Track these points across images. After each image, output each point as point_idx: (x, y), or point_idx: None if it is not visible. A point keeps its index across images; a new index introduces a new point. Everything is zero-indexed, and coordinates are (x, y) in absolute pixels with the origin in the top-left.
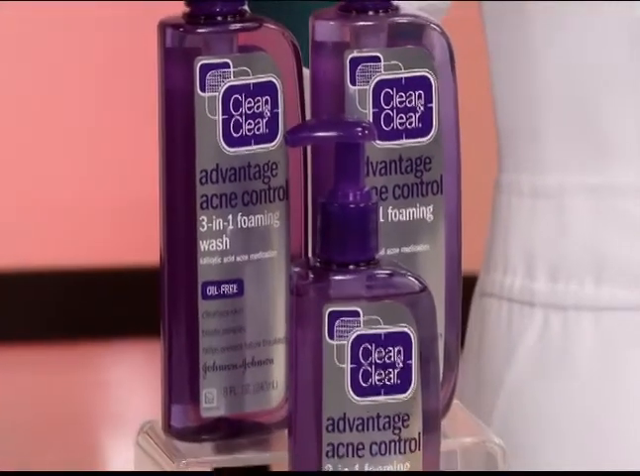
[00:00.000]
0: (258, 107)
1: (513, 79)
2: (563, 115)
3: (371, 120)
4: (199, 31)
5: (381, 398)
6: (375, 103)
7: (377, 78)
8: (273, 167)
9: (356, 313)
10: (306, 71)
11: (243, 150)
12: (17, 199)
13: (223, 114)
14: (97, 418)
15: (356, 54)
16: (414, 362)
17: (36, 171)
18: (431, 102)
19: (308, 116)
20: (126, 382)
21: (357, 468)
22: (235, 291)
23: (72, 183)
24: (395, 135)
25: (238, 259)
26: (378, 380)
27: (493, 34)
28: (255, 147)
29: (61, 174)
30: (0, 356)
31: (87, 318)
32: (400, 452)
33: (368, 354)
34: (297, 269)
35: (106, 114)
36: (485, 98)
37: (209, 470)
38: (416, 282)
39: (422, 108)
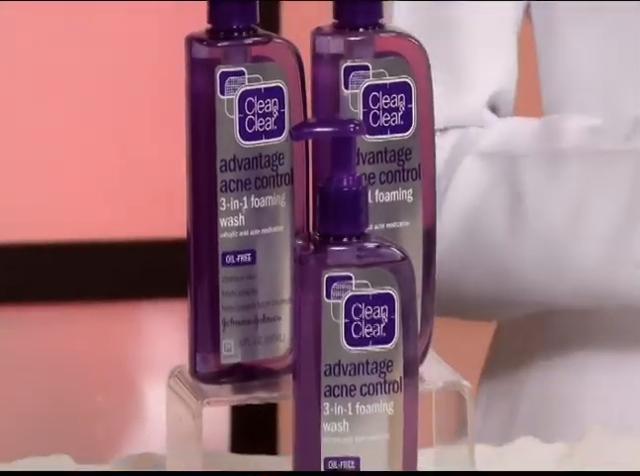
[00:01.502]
0: (267, 107)
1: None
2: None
3: (361, 118)
4: (219, 44)
5: (370, 347)
6: (365, 104)
7: (366, 84)
8: (281, 157)
9: (349, 278)
10: None
11: (255, 143)
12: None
13: (239, 113)
14: (136, 365)
15: (349, 63)
16: (397, 318)
17: (95, 162)
18: (411, 103)
19: (309, 115)
20: (159, 335)
21: (349, 406)
22: (249, 259)
23: (120, 174)
24: (381, 130)
25: (251, 233)
26: (367, 333)
27: None
28: (265, 141)
29: (113, 165)
30: (60, 312)
31: (127, 282)
32: (385, 392)
33: (358, 311)
34: (300, 241)
35: (144, 112)
36: None
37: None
38: (398, 252)
39: (403, 108)
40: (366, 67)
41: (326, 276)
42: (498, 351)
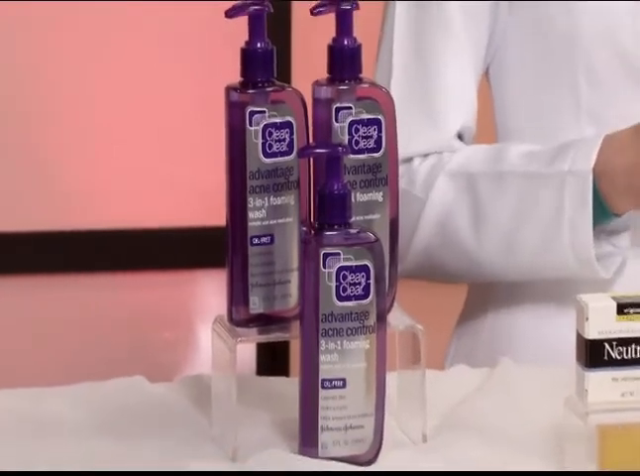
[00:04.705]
0: (282, 135)
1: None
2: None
3: (346, 143)
4: (248, 91)
5: (353, 302)
6: (349, 133)
7: (350, 119)
8: (291, 169)
9: (338, 254)
10: None
11: (273, 160)
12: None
13: (262, 139)
14: (191, 313)
15: (338, 105)
16: (371, 282)
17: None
18: (381, 133)
19: (311, 140)
20: (207, 293)
21: (339, 343)
22: (269, 241)
23: (185, 185)
24: (361, 151)
25: (270, 222)
26: (351, 292)
27: None
28: (280, 158)
29: (163, 173)
30: (142, 278)
31: (184, 257)
32: (364, 334)
33: (345, 277)
34: (304, 228)
35: (201, 141)
36: None
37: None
38: (373, 236)
39: (376, 136)
40: (350, 108)
41: (322, 252)
42: (467, 305)
